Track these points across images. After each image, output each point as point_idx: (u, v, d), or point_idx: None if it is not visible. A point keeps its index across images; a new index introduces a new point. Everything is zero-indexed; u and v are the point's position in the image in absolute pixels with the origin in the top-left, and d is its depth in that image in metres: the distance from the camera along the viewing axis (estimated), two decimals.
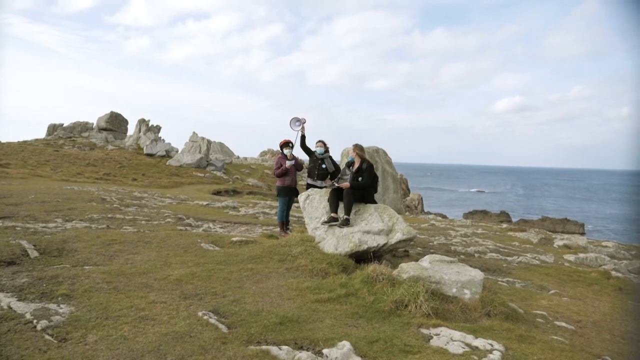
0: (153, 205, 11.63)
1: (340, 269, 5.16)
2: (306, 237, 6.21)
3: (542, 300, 5.39)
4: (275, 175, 8.22)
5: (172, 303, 3.88)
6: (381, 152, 15.98)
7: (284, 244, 6.04)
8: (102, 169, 24.99)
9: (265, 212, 12.35)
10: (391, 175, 15.31)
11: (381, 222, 5.82)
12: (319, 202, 6.63)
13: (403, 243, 5.72)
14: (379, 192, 14.05)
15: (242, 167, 37.12)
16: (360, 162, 6.34)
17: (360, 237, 5.61)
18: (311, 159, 7.95)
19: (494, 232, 12.91)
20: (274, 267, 5.25)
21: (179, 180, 24.93)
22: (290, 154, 8.01)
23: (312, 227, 6.39)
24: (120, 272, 4.64)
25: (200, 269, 4.96)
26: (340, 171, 7.26)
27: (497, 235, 12.14)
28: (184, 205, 12.60)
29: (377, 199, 14.65)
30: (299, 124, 7.67)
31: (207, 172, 29.31)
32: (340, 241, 5.72)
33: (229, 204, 13.40)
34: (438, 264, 4.98)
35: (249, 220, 10.36)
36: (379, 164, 14.95)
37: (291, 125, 7.72)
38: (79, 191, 13.25)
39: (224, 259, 5.48)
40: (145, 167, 27.67)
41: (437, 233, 11.15)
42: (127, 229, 7.35)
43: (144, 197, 13.75)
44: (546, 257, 8.87)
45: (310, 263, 5.26)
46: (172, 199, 14.32)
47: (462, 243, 9.54)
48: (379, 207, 6.18)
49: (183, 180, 25.26)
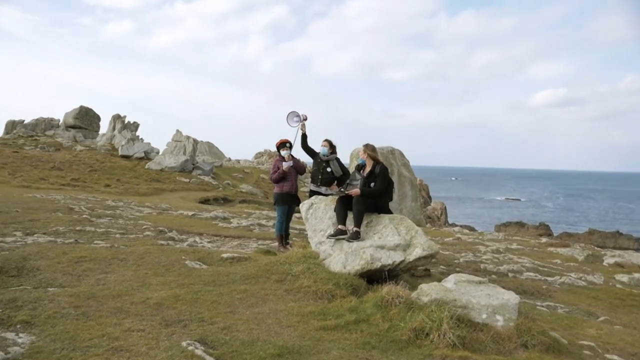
0: (129, 216, 11.68)
1: (349, 290, 5.18)
2: (309, 253, 6.24)
3: (589, 329, 5.36)
4: (272, 181, 8.25)
5: (152, 331, 3.89)
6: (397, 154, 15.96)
7: (283, 261, 6.06)
8: (69, 173, 25.17)
9: (261, 224, 12.39)
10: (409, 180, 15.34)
11: (397, 236, 5.84)
12: (324, 211, 6.65)
13: (423, 260, 5.73)
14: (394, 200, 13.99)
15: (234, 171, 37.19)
16: (372, 165, 6.36)
17: (373, 253, 5.63)
18: (315, 161, 7.98)
19: (531, 247, 12.89)
20: (271, 288, 5.27)
21: (159, 186, 25.03)
22: (288, 155, 8.02)
23: (315, 241, 6.41)
24: (90, 294, 4.64)
25: (185, 291, 4.97)
26: (348, 176, 7.28)
27: (535, 251, 12.13)
28: (165, 215, 12.66)
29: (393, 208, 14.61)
30: (297, 120, 7.65)
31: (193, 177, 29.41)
32: (349, 258, 5.75)
33: (218, 215, 13.46)
34: (465, 285, 4.96)
35: (242, 234, 10.39)
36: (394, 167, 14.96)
37: (288, 121, 7.70)
38: (42, 199, 13.31)
39: (212, 279, 5.50)
40: (120, 171, 27.83)
41: (463, 249, 11.15)
42: (99, 244, 7.36)
43: (119, 207, 13.81)
44: (594, 277, 8.83)
45: (313, 284, 5.28)
46: (151, 209, 14.38)
47: (493, 260, 9.55)
48: (394, 218, 6.19)
49: (165, 186, 25.35)
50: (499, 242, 13.37)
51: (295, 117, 7.66)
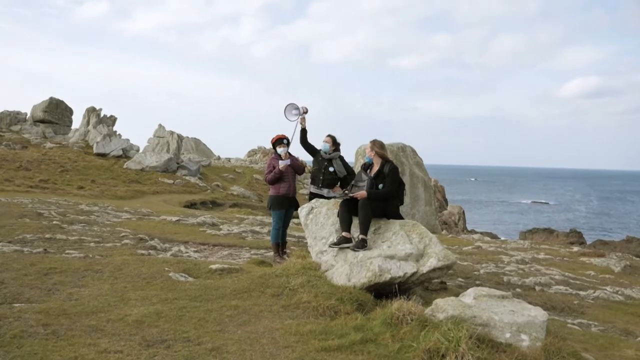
0: (106, 222, 11.75)
1: (355, 306, 5.19)
2: (309, 264, 6.27)
3: (627, 350, 5.35)
4: (266, 182, 8.25)
5: (131, 353, 3.87)
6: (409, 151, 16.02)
7: (279, 273, 6.09)
8: (38, 174, 25.22)
9: (254, 231, 12.45)
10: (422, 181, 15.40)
11: (409, 244, 5.85)
12: (325, 217, 6.67)
13: (438, 272, 5.75)
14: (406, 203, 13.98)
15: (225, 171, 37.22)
16: (380, 163, 6.37)
17: (381, 263, 5.65)
18: (315, 159, 8.00)
19: (561, 257, 12.89)
20: (266, 304, 5.27)
21: (140, 188, 25.10)
22: (285, 153, 8.02)
23: (316, 250, 6.44)
24: (61, 311, 4.64)
25: (168, 307, 4.97)
26: (354, 176, 7.30)
27: (566, 261, 12.14)
28: (146, 221, 12.73)
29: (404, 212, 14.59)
30: (296, 113, 7.63)
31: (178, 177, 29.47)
32: (354, 269, 5.76)
33: (206, 220, 13.53)
34: (486, 300, 4.94)
35: (233, 242, 10.46)
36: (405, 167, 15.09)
37: (286, 114, 7.68)
38: (7, 203, 13.35)
39: (199, 293, 5.51)
40: (95, 171, 27.89)
41: (484, 258, 11.18)
42: (71, 254, 7.38)
43: (94, 212, 13.88)
44: (632, 291, 8.83)
45: (314, 298, 5.30)
46: (131, 214, 14.46)
47: (518, 272, 9.58)
48: (406, 224, 6.21)
49: (145, 188, 25.43)
50: (524, 252, 13.36)
51: (294, 110, 7.63)
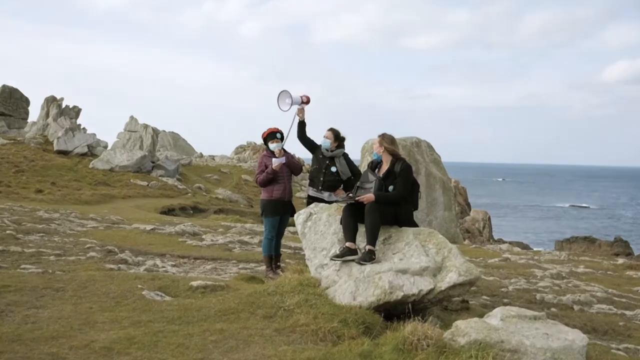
0: (68, 232, 11.79)
1: (361, 329, 5.18)
2: (307, 280, 6.27)
3: None
4: (257, 184, 8.25)
5: None
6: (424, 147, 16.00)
7: (272, 291, 6.08)
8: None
9: (243, 242, 12.48)
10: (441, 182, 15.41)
11: (425, 256, 5.83)
12: (326, 224, 6.65)
13: (459, 288, 5.72)
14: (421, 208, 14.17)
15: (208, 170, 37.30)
16: (391, 161, 6.36)
17: (392, 279, 5.62)
18: (315, 157, 8.02)
19: (603, 271, 12.92)
20: (256, 327, 5.23)
21: (108, 192, 25.11)
22: (279, 150, 7.98)
23: (316, 264, 6.43)
24: (15, 336, 4.62)
25: (142, 331, 4.94)
26: (359, 176, 7.28)
27: (610, 276, 12.16)
28: (116, 231, 12.78)
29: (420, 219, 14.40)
30: (289, 102, 7.52)
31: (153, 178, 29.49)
32: (360, 286, 5.74)
33: (186, 229, 13.59)
34: (515, 321, 4.89)
35: (218, 254, 10.48)
36: (420, 165, 15.06)
37: (279, 104, 7.58)
38: None
39: (178, 315, 5.49)
40: (56, 171, 27.83)
41: (513, 273, 11.17)
42: (28, 269, 7.37)
43: (54, 219, 13.90)
44: None
45: (313, 321, 5.26)
46: (97, 222, 14.52)
47: (553, 288, 9.55)
48: (421, 233, 6.19)
49: (115, 191, 25.44)
50: (560, 264, 13.34)
51: (287, 99, 7.53)
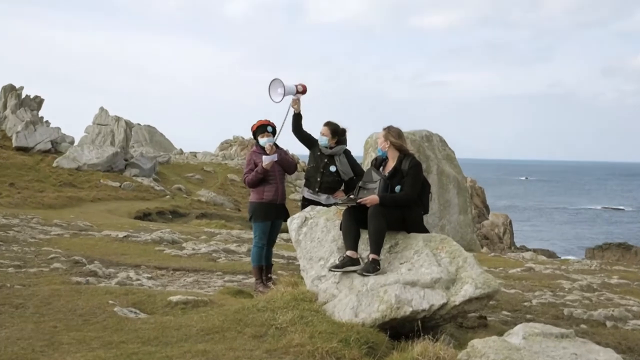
0: (29, 240, 11.71)
1: (364, 350, 5.12)
2: (302, 294, 6.23)
3: None
4: (246, 184, 8.21)
5: None
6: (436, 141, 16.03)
7: (262, 306, 6.03)
8: None
9: (229, 250, 12.42)
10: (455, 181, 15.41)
11: (437, 266, 5.82)
12: (324, 230, 6.63)
13: (476, 303, 5.70)
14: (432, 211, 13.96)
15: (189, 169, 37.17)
16: (398, 158, 6.33)
17: (400, 292, 5.60)
18: (312, 154, 8.00)
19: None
20: (245, 348, 5.13)
21: (75, 194, 25.04)
22: (270, 145, 7.94)
23: (312, 275, 6.40)
24: None
25: (114, 354, 4.83)
26: (361, 175, 7.22)
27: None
28: (84, 239, 12.67)
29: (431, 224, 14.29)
30: (281, 92, 7.50)
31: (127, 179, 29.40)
32: (363, 301, 5.72)
33: (164, 236, 13.52)
34: (539, 340, 4.87)
35: (201, 265, 10.44)
36: (432, 162, 15.05)
37: (270, 94, 7.59)
38: None
39: (155, 334, 5.41)
40: (15, 171, 27.74)
41: (538, 285, 11.13)
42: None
43: (13, 226, 13.83)
44: None
45: (309, 340, 5.17)
46: (63, 228, 14.42)
47: (583, 302, 9.52)
48: (432, 240, 6.17)
49: (83, 194, 25.36)
50: (591, 275, 13.26)
51: (279, 89, 7.52)
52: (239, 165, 40.08)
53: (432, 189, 6.57)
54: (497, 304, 8.33)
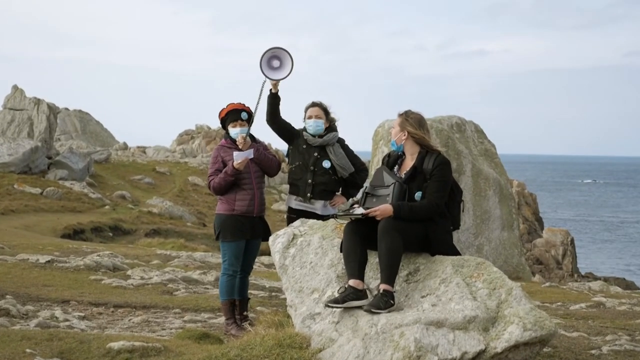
0: None
1: None
2: (289, 339, 5.65)
3: None
4: (211, 190, 7.58)
5: None
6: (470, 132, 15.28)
7: (235, 355, 5.44)
8: None
9: (190, 279, 11.77)
10: (496, 185, 14.58)
11: (471, 300, 5.31)
12: (318, 252, 6.14)
13: (525, 350, 5.14)
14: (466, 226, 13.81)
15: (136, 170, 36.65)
16: (418, 155, 5.76)
17: (421, 336, 5.04)
18: (295, 149, 7.48)
19: None
20: None
21: None
22: (243, 137, 7.22)
23: (303, 312, 5.86)
24: None
25: None
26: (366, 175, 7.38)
27: None
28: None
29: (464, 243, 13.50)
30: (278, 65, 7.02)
31: (51, 183, 28.69)
32: (371, 347, 5.19)
33: (102, 261, 12.76)
34: None
35: (152, 300, 9.76)
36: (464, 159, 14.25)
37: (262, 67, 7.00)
38: None
39: None
40: None
41: (610, 326, 10.31)
42: None
43: None
44: None
45: None
46: None
47: None
48: (465, 264, 5.63)
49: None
50: None
51: (276, 60, 7.04)
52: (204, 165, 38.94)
53: (464, 197, 6.11)
54: (553, 351, 7.56)
